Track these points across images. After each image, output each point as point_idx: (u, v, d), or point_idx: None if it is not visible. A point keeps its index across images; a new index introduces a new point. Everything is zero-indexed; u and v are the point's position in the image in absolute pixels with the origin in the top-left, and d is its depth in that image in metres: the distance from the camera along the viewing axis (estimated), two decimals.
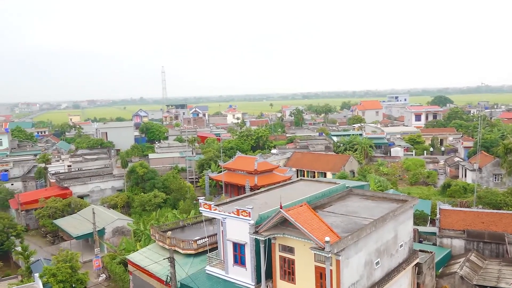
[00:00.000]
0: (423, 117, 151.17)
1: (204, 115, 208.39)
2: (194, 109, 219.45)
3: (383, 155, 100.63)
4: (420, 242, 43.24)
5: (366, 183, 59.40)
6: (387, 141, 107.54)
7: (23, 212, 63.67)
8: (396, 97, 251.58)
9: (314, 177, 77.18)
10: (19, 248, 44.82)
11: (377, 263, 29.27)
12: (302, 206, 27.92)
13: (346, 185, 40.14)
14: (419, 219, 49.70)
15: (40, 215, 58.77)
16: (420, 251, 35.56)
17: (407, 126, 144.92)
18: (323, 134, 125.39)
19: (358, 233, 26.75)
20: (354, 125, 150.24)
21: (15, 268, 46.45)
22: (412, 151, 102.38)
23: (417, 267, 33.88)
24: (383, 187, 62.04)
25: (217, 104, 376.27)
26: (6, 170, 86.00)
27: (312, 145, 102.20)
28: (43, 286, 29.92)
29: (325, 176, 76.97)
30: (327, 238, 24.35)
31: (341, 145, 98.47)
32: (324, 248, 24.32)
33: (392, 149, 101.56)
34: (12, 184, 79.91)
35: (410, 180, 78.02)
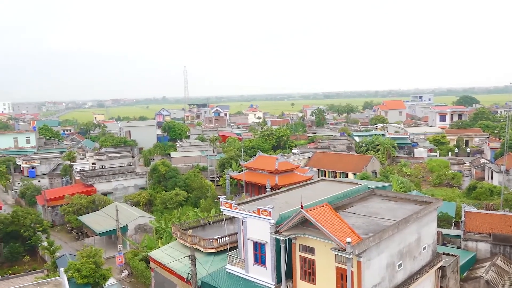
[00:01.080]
0: (448, 117, 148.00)
1: (225, 114, 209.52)
2: (215, 109, 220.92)
3: (406, 155, 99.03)
4: (444, 245, 42.37)
5: (389, 184, 58.55)
6: (410, 142, 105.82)
7: (49, 208, 65.27)
8: (420, 97, 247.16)
9: (335, 177, 76.52)
10: (45, 243, 45.94)
11: (400, 265, 28.84)
12: (323, 206, 27.74)
13: (368, 186, 39.67)
14: (443, 221, 48.72)
15: (66, 211, 60.17)
16: (444, 254, 34.86)
17: (431, 126, 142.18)
18: (345, 134, 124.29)
19: (380, 234, 26.39)
20: (376, 125, 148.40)
21: (41, 263, 47.67)
22: (436, 152, 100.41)
23: (440, 271, 33.21)
24: (406, 188, 61.04)
25: (239, 103, 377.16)
26: (33, 167, 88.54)
27: (333, 145, 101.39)
28: (68, 280, 30.60)
29: (346, 177, 76.24)
30: (348, 239, 24.13)
31: (363, 145, 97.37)
32: (345, 249, 24.11)
33: (415, 150, 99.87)
34: (39, 181, 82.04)
35: (434, 182, 76.51)
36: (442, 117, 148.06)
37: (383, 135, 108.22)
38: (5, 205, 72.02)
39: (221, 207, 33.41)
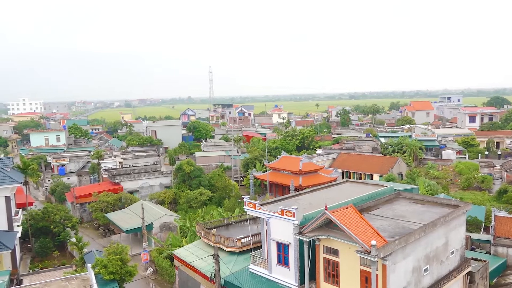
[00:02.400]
0: (477, 118, 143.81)
1: (249, 114, 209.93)
2: (240, 109, 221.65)
3: (433, 158, 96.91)
4: (473, 250, 41.20)
5: (415, 186, 57.33)
6: (438, 143, 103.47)
7: (77, 205, 66.96)
8: (449, 98, 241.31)
9: (360, 179, 75.60)
10: (73, 239, 47.10)
11: (426, 270, 28.24)
12: (348, 208, 27.47)
13: (394, 188, 39.02)
14: (472, 225, 47.40)
15: (93, 208, 61.58)
16: (473, 259, 33.95)
17: (460, 128, 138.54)
18: (370, 135, 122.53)
19: (406, 238, 25.92)
20: (403, 126, 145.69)
21: (70, 258, 48.90)
22: (465, 154, 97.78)
23: (469, 276, 32.35)
24: (433, 191, 59.70)
25: (263, 103, 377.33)
26: (63, 165, 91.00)
27: (358, 146, 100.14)
28: (95, 276, 31.28)
29: (371, 178, 75.20)
30: (373, 242, 23.80)
31: (389, 146, 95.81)
32: (370, 252, 23.79)
33: (443, 152, 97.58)
34: (68, 178, 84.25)
35: (463, 185, 74.51)
36: (472, 119, 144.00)
37: (410, 136, 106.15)
38: (36, 202, 74.39)
39: (244, 207, 33.51)
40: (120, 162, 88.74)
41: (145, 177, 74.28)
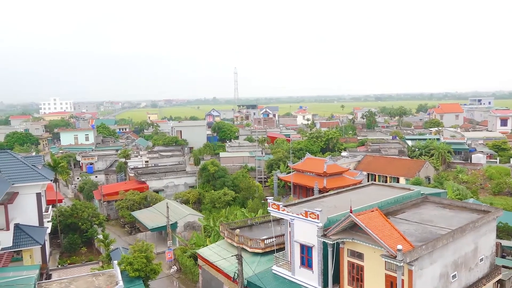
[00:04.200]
0: (510, 121, 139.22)
1: (274, 115, 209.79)
2: (264, 110, 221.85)
3: (462, 161, 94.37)
4: (503, 257, 39.92)
5: (443, 190, 56.13)
6: (467, 147, 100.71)
7: (105, 203, 68.36)
8: (479, 100, 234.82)
9: (386, 182, 74.39)
10: (100, 236, 48.09)
11: (454, 276, 27.54)
12: (373, 211, 27.08)
13: (421, 192, 38.23)
14: (502, 232, 45.90)
15: (120, 206, 62.74)
16: (503, 267, 32.92)
17: (491, 131, 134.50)
18: (397, 137, 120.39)
19: (433, 243, 25.35)
20: (431, 129, 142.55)
21: (97, 254, 49.93)
22: (496, 158, 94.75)
23: (499, 284, 31.37)
24: (462, 196, 58.16)
25: (288, 105, 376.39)
26: (91, 163, 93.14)
27: (384, 148, 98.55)
28: (120, 273, 31.84)
29: (397, 182, 73.90)
30: (399, 246, 23.38)
31: (416, 149, 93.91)
32: (396, 257, 23.38)
33: (473, 156, 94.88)
34: (96, 177, 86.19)
35: (493, 190, 72.27)
36: (504, 122, 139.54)
37: (438, 139, 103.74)
38: (66, 199, 76.30)
39: (268, 208, 33.49)
40: (146, 162, 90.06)
41: (170, 177, 75.18)
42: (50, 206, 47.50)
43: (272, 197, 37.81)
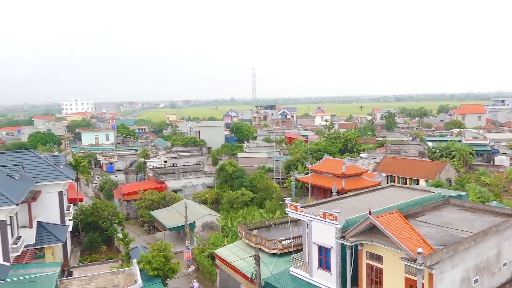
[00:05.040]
0: None
1: (292, 116, 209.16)
2: (282, 110, 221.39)
3: (485, 163, 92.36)
4: None
5: (465, 193, 54.86)
6: (490, 149, 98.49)
7: (124, 202, 69.28)
8: (503, 101, 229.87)
9: (405, 183, 73.33)
10: (120, 235, 48.72)
11: (476, 281, 26.97)
12: (392, 213, 26.74)
13: (442, 194, 37.57)
14: None
15: (139, 205, 63.45)
16: None
17: None
18: (417, 138, 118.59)
19: (454, 246, 24.89)
20: (452, 130, 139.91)
21: (116, 253, 50.65)
22: None
23: None
24: (484, 199, 56.86)
25: (306, 105, 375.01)
26: (111, 163, 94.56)
27: (404, 150, 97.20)
28: (139, 271, 32.22)
29: (417, 184, 72.73)
30: (419, 249, 23.02)
31: (437, 151, 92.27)
32: (416, 260, 23.03)
33: (496, 158, 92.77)
34: (116, 176, 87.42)
35: None
36: None
37: (460, 141, 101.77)
38: (86, 198, 77.63)
39: (286, 209, 33.42)
40: (164, 161, 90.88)
41: (189, 177, 75.72)
42: (72, 205, 48.30)
43: (290, 198, 37.73)
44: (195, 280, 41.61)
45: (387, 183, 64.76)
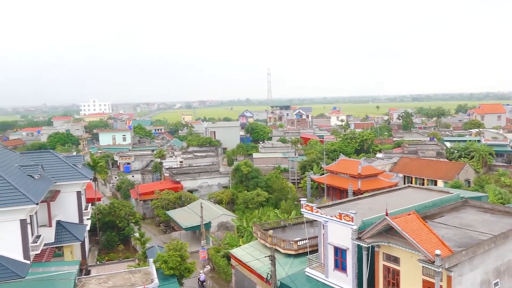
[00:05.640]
0: None
1: (307, 116, 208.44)
2: (297, 111, 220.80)
3: (505, 164, 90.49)
4: None
5: (484, 194, 53.81)
6: (510, 149, 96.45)
7: (141, 201, 69.98)
8: None
9: (423, 184, 72.28)
10: (137, 234, 49.21)
11: (496, 284, 26.44)
12: (410, 214, 26.41)
13: (461, 196, 36.93)
14: None
15: (155, 205, 64.03)
16: None
17: None
18: (435, 139, 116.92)
19: (474, 248, 24.44)
20: (471, 130, 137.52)
21: (133, 252, 51.12)
22: None
23: None
24: (504, 200, 55.73)
25: (321, 105, 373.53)
26: (128, 163, 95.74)
27: (421, 150, 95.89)
28: (156, 271, 32.51)
29: (435, 185, 71.63)
30: (437, 251, 22.68)
31: (455, 151, 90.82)
32: (434, 262, 22.69)
33: None
34: (133, 176, 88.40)
35: None
36: None
37: (479, 141, 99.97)
38: (104, 197, 78.62)
39: (301, 210, 33.29)
40: (180, 162, 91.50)
41: (204, 177, 76.07)
42: (90, 204, 49.03)
43: (305, 199, 37.57)
44: (201, 272, 41.76)
45: (404, 184, 63.90)
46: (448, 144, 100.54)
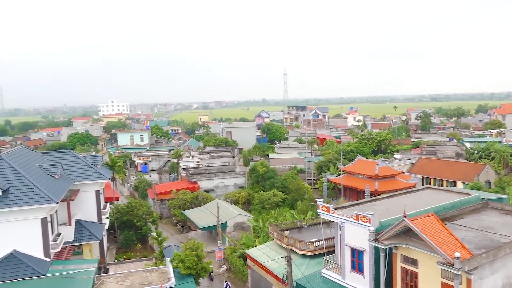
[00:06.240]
0: None
1: (324, 117, 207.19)
2: (314, 111, 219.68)
3: None
4: None
5: (506, 196, 52.61)
6: None
7: (158, 201, 70.65)
8: None
9: (442, 185, 71.17)
10: (154, 234, 49.76)
11: None
12: (429, 216, 26.03)
13: (481, 197, 36.23)
14: None
15: (172, 205, 64.54)
16: None
17: None
18: (454, 139, 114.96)
19: (495, 251, 23.95)
20: (491, 130, 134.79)
21: (150, 251, 51.68)
22: None
23: None
24: None
25: (338, 106, 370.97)
26: (146, 163, 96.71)
27: (440, 151, 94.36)
28: (172, 270, 32.79)
29: (455, 186, 70.44)
30: (457, 254, 22.30)
31: (475, 152, 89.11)
32: (453, 264, 22.32)
33: None
34: (150, 176, 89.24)
35: None
36: None
37: (500, 141, 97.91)
38: (122, 197, 79.72)
39: (318, 211, 33.14)
40: (197, 162, 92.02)
41: (221, 177, 76.36)
42: (108, 204, 49.75)
43: (322, 199, 37.37)
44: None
45: (423, 185, 62.99)
46: (467, 145, 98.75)
